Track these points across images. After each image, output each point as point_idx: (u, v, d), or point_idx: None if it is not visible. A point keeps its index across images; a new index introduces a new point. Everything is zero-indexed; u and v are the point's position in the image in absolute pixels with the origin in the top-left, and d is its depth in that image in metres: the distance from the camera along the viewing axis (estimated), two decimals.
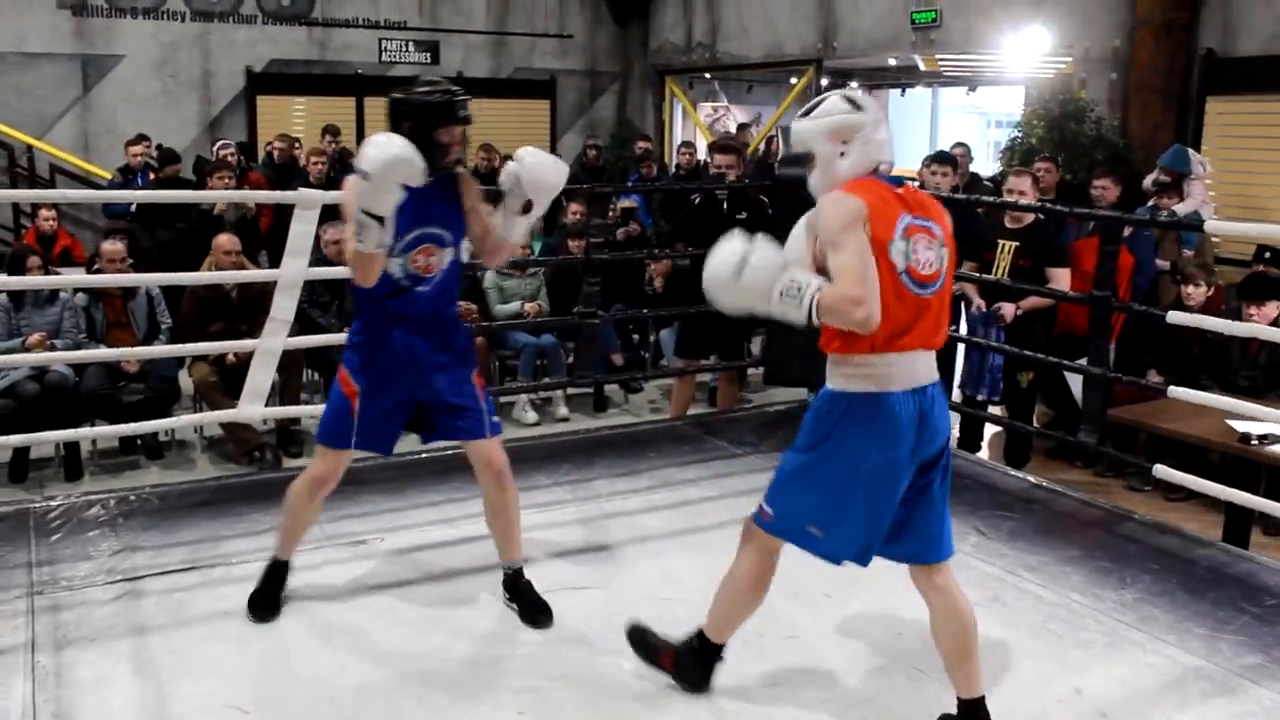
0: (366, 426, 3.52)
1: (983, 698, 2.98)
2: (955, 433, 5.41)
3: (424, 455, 5.43)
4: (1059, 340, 6.15)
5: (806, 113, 2.88)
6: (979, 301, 6.02)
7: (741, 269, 2.77)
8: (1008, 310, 5.78)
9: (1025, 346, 5.48)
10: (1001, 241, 5.85)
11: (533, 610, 3.64)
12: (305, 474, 3.64)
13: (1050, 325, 6.04)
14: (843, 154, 2.81)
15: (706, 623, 3.19)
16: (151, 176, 9.03)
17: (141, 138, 10.02)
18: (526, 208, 3.51)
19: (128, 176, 9.27)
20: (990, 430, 6.76)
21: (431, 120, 3.33)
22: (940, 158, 6.82)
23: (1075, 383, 5.82)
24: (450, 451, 5.54)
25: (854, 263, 2.66)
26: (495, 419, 3.62)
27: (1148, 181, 7.12)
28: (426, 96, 3.35)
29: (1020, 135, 8.94)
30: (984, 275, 5.87)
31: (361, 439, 3.55)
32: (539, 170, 3.48)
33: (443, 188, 3.43)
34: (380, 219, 3.13)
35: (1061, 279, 5.68)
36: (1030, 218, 5.78)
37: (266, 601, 3.65)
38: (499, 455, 3.58)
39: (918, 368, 2.82)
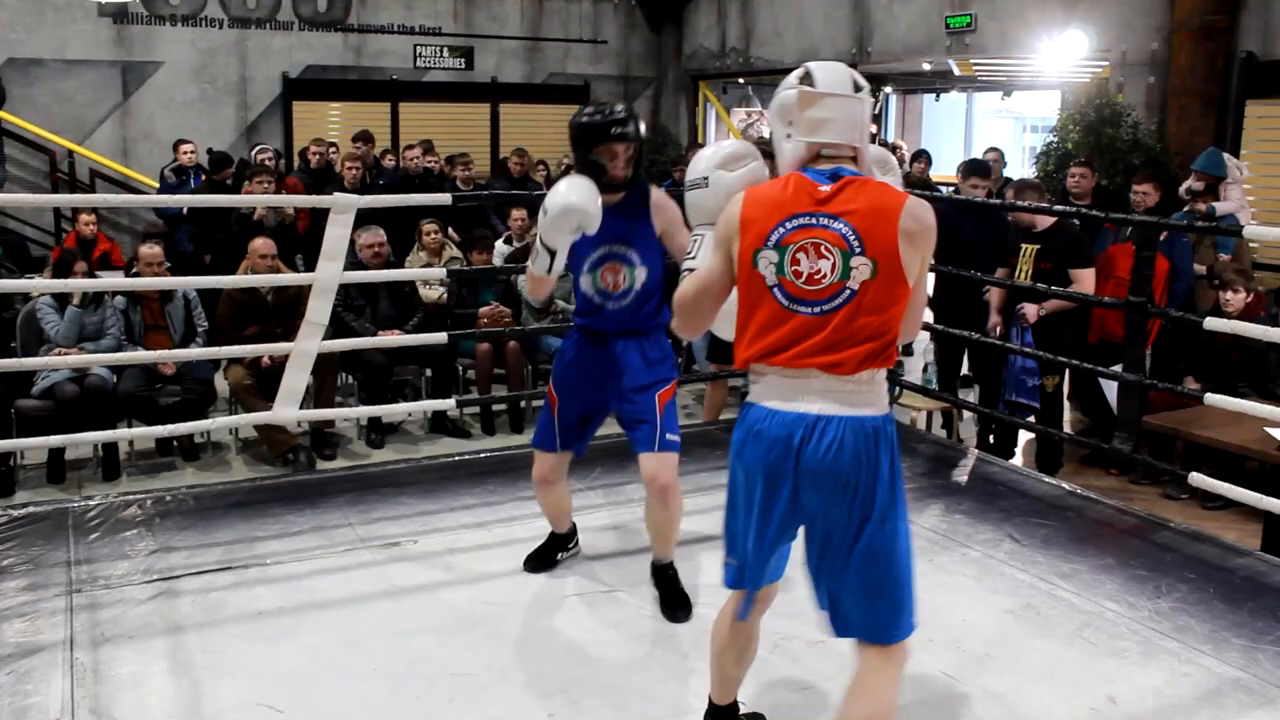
0: (565, 430, 3.79)
1: None
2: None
3: (458, 459, 5.47)
4: (1095, 346, 6.10)
5: None
6: (994, 321, 6.03)
7: (710, 180, 2.93)
8: (1030, 310, 5.76)
9: (1052, 350, 5.45)
10: (1024, 246, 5.83)
11: (673, 602, 3.72)
12: (533, 473, 3.93)
13: (1076, 328, 5.99)
14: (788, 135, 2.53)
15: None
16: (203, 178, 9.15)
17: (183, 142, 10.18)
18: None
19: (181, 177, 9.40)
20: (1024, 437, 6.72)
21: (589, 141, 3.49)
22: (975, 169, 6.69)
23: (1110, 389, 5.77)
24: (484, 455, 5.59)
25: (698, 271, 2.62)
26: (671, 436, 3.62)
27: (1184, 188, 7.05)
28: (582, 118, 3.52)
29: (1056, 140, 8.88)
30: (1007, 281, 5.88)
31: (563, 441, 3.81)
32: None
33: (631, 209, 3.57)
34: (553, 252, 3.36)
35: (1085, 280, 5.63)
36: (1051, 220, 5.75)
37: (540, 557, 4.09)
38: (663, 472, 3.60)
39: (800, 390, 2.43)
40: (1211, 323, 4.54)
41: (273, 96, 12.29)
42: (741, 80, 14.61)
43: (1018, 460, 6.17)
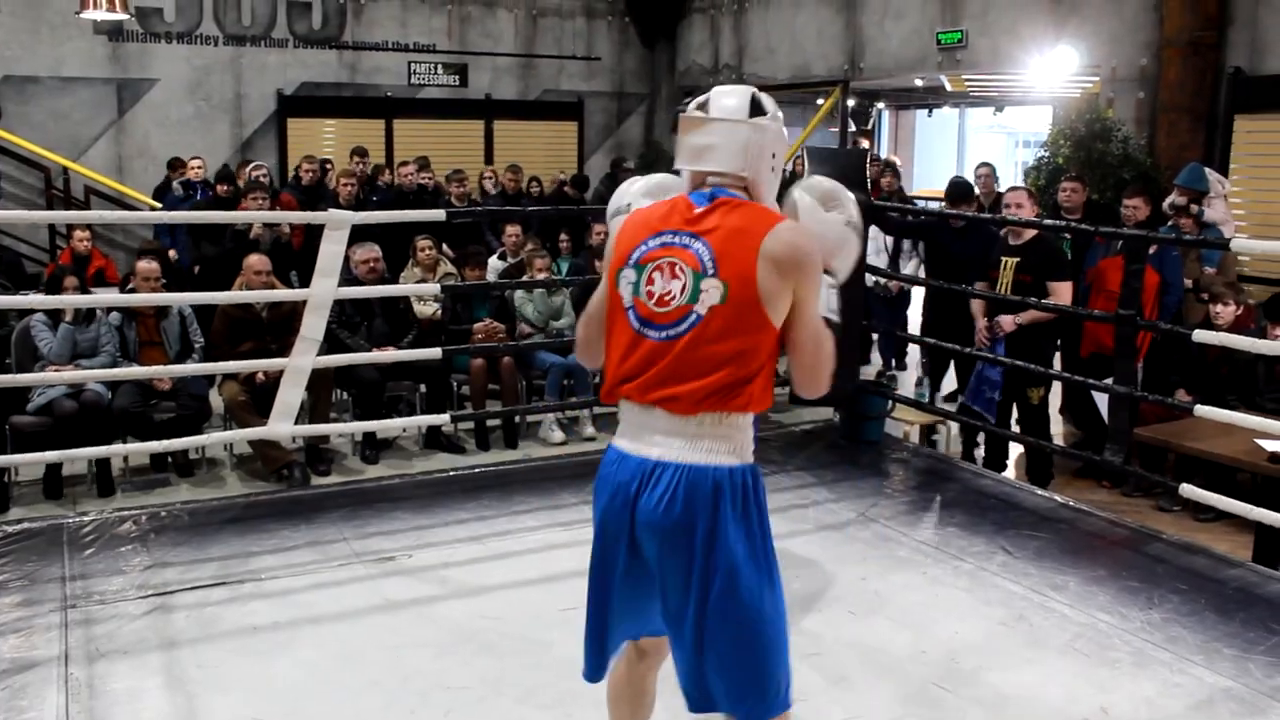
0: None
1: None
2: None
3: (452, 474, 5.48)
4: (1088, 360, 6.14)
5: None
6: (981, 327, 5.99)
7: (632, 209, 2.57)
8: (1005, 321, 5.78)
9: (1033, 363, 5.48)
10: (1004, 259, 5.85)
11: None
12: None
13: (1060, 340, 6.05)
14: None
15: None
16: (211, 194, 9.19)
17: (178, 160, 10.22)
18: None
19: (189, 191, 9.44)
20: (1016, 450, 6.74)
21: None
22: (958, 194, 6.95)
23: (1103, 402, 5.79)
24: (479, 470, 5.60)
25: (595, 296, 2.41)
26: None
27: (1167, 203, 7.10)
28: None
29: (1047, 155, 8.93)
30: (985, 293, 5.89)
31: None
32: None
33: None
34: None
35: (1062, 293, 5.63)
36: (1031, 233, 5.78)
37: None
38: None
39: (646, 429, 2.23)
40: (1201, 335, 4.58)
41: (268, 113, 12.32)
42: None
43: (1010, 473, 6.19)
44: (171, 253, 8.79)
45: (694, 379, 2.17)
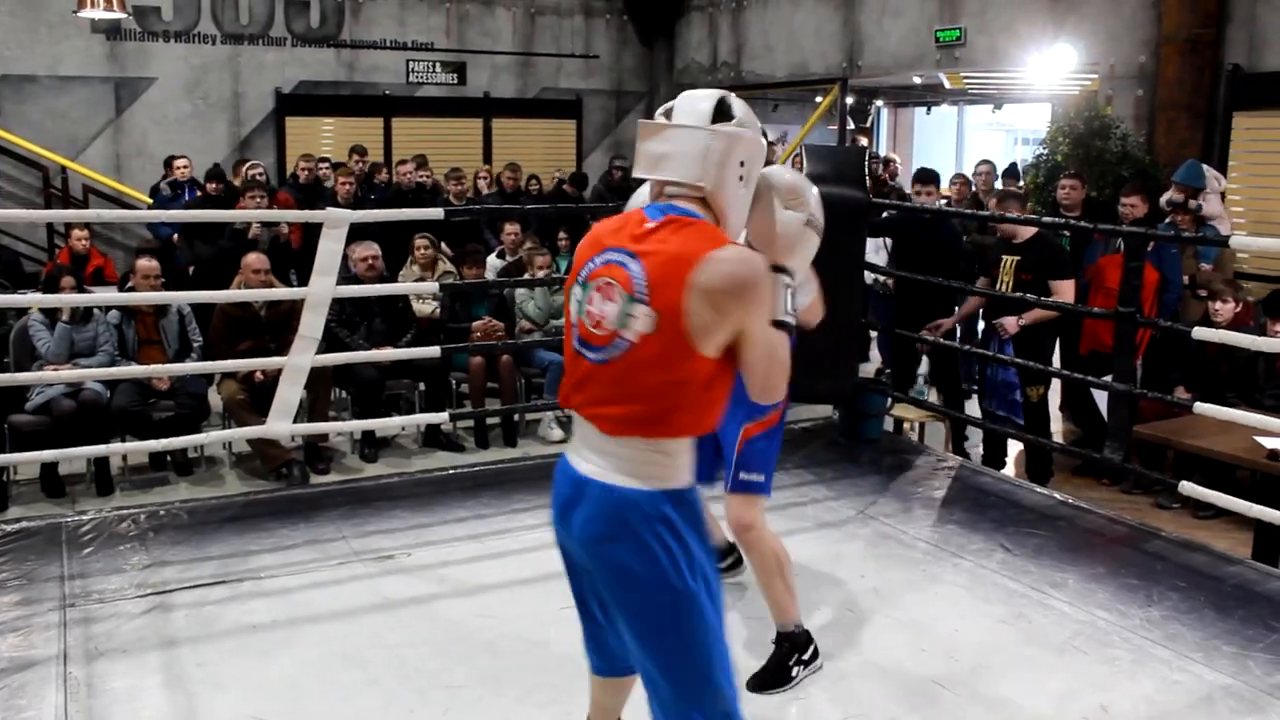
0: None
1: None
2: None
3: (451, 472, 5.48)
4: (1087, 357, 6.14)
5: None
6: (954, 321, 6.19)
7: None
8: (1009, 322, 5.79)
9: (1034, 360, 5.50)
10: (1004, 257, 5.87)
11: (761, 673, 3.41)
12: None
13: (1061, 339, 6.10)
14: None
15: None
16: (198, 194, 9.17)
17: (175, 158, 10.19)
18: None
19: (176, 190, 9.42)
20: (1015, 447, 6.74)
21: None
22: (921, 176, 7.08)
23: (1102, 399, 5.80)
24: (478, 468, 5.59)
25: None
26: (748, 475, 3.39)
27: (1164, 199, 7.10)
28: None
29: (1046, 152, 8.92)
30: (987, 291, 5.93)
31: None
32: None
33: None
34: None
35: (1064, 291, 5.65)
36: (1031, 231, 5.79)
37: None
38: (734, 512, 3.40)
39: (585, 443, 2.21)
40: (1200, 332, 4.57)
41: (266, 112, 12.31)
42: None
43: (1009, 470, 6.19)
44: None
45: (621, 404, 2.13)
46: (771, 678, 3.38)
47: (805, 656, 3.43)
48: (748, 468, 3.41)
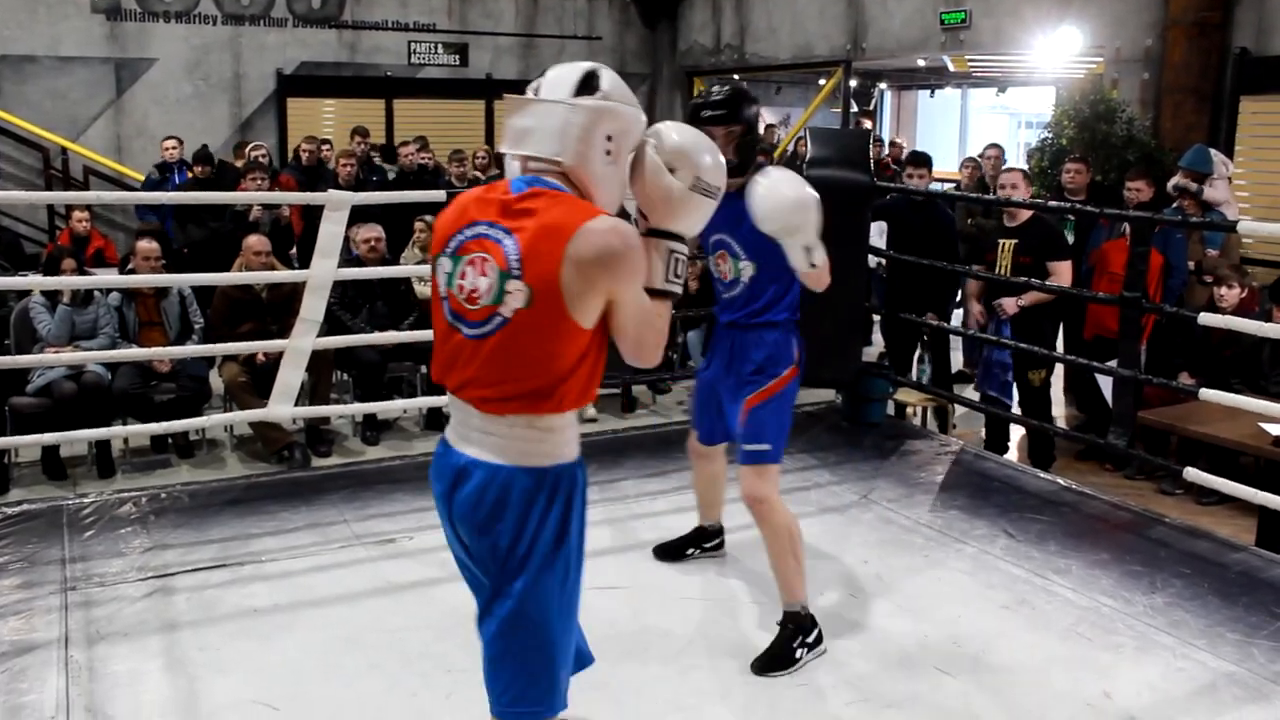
0: (696, 410, 3.88)
1: None
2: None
3: None
4: (1091, 342, 6.12)
5: None
6: (976, 310, 6.08)
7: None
8: (1008, 303, 5.78)
9: (1035, 344, 5.48)
10: (1001, 241, 5.84)
11: (765, 655, 3.40)
12: None
13: (1061, 321, 6.09)
14: None
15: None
16: (189, 175, 9.13)
17: (167, 138, 10.13)
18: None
19: (165, 174, 9.39)
20: (1018, 432, 6.73)
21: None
22: (913, 159, 7.14)
23: (1107, 385, 5.77)
24: None
25: None
26: (752, 446, 3.41)
27: (1171, 184, 7.07)
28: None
29: (1050, 136, 8.88)
30: (986, 274, 5.90)
31: (695, 421, 3.92)
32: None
33: (739, 198, 3.27)
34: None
35: (1063, 272, 5.64)
36: (1027, 214, 5.77)
37: (669, 548, 4.17)
38: (745, 485, 3.44)
39: (464, 425, 2.19)
40: (1206, 318, 4.55)
41: (267, 93, 12.26)
42: (736, 77, 14.60)
43: (1012, 455, 6.18)
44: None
45: (502, 381, 2.11)
46: (775, 660, 3.36)
47: (810, 640, 3.41)
48: (753, 438, 3.42)
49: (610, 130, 2.17)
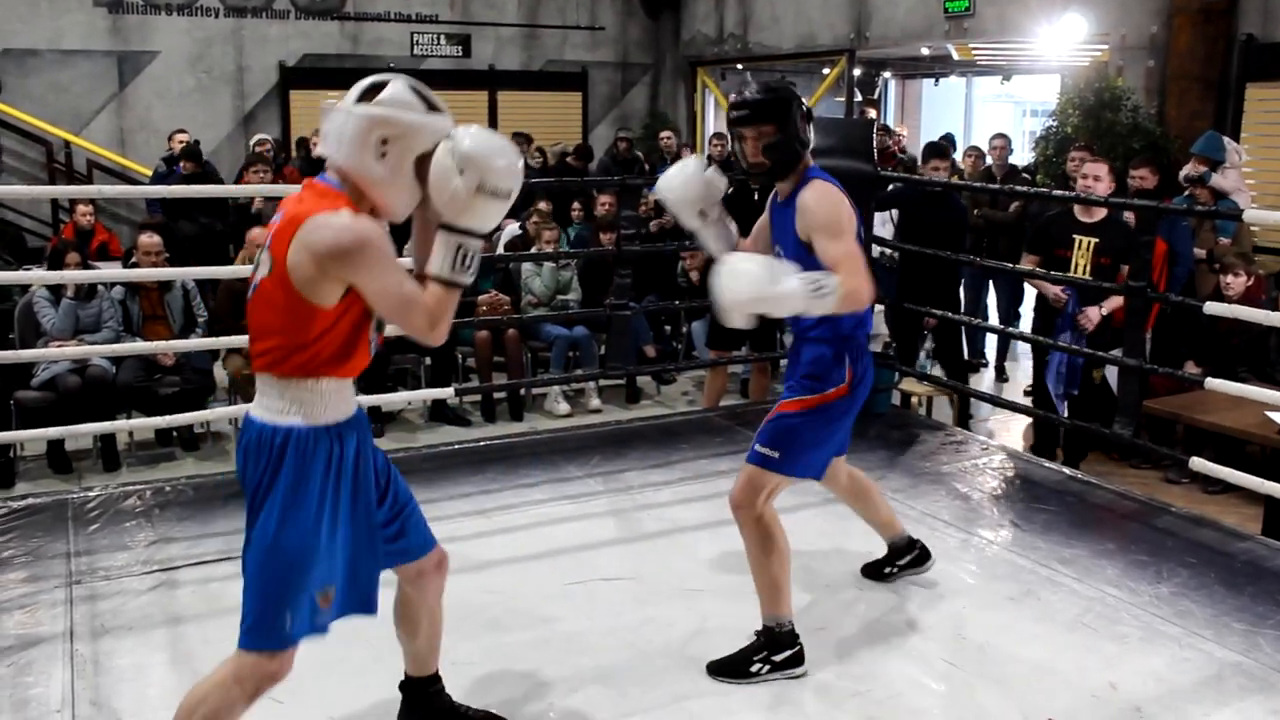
0: None
1: None
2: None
3: (457, 447, 5.47)
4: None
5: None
6: (1058, 292, 5.65)
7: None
8: (1092, 313, 5.47)
9: (1101, 343, 5.34)
10: (1078, 237, 5.53)
11: (725, 658, 3.28)
12: None
13: (1154, 335, 5.78)
14: None
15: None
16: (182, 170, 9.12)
17: (178, 131, 10.14)
18: None
19: (171, 166, 9.40)
20: (1024, 422, 6.72)
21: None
22: (934, 151, 7.02)
23: (1112, 373, 5.76)
24: (484, 443, 5.58)
25: None
26: (762, 448, 3.24)
27: (1183, 174, 7.04)
28: None
29: (1055, 124, 8.85)
30: (1055, 272, 5.54)
31: None
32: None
33: (789, 204, 3.22)
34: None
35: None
36: (1104, 210, 5.48)
37: (873, 568, 3.97)
38: (735, 483, 3.28)
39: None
40: (1212, 307, 4.53)
41: (269, 86, 12.25)
42: (740, 66, 14.56)
43: (1018, 445, 6.17)
44: None
45: (255, 340, 2.41)
46: (729, 665, 3.24)
47: (777, 658, 3.22)
48: (765, 441, 3.25)
49: (384, 135, 2.36)
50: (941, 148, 7.10)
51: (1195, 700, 3.17)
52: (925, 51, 12.67)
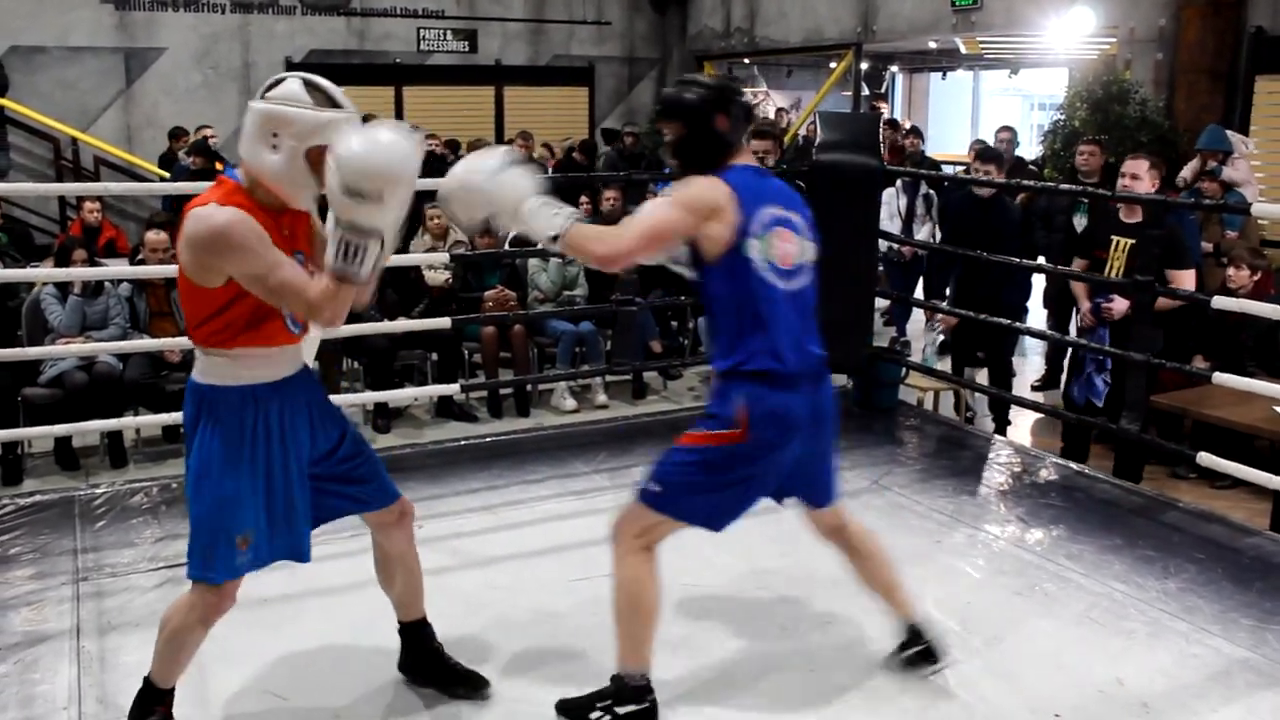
0: None
1: None
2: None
3: (464, 443, 5.47)
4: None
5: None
6: (1086, 307, 5.45)
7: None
8: (1119, 305, 5.21)
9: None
10: (1116, 238, 5.26)
11: (571, 699, 3.06)
12: None
13: (1169, 330, 5.39)
14: None
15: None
16: (218, 167, 9.15)
17: (180, 130, 10.17)
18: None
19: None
20: (1033, 417, 6.70)
21: None
22: (988, 155, 6.50)
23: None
24: (490, 439, 5.58)
25: None
26: (644, 481, 2.97)
27: (1182, 175, 6.99)
28: None
29: (1063, 118, 8.82)
30: (1096, 275, 5.32)
31: None
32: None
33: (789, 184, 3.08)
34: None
35: (1185, 283, 5.00)
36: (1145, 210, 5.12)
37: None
38: (617, 520, 3.01)
39: None
40: (1220, 302, 4.51)
41: None
42: (747, 61, 14.54)
43: (1027, 440, 6.15)
44: None
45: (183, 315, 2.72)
46: (573, 707, 3.02)
47: (621, 710, 2.93)
48: (652, 473, 2.95)
49: (276, 129, 2.52)
50: (993, 151, 6.67)
51: (1202, 696, 3.16)
52: (932, 45, 12.65)
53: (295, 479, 2.73)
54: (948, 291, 6.56)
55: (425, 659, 3.14)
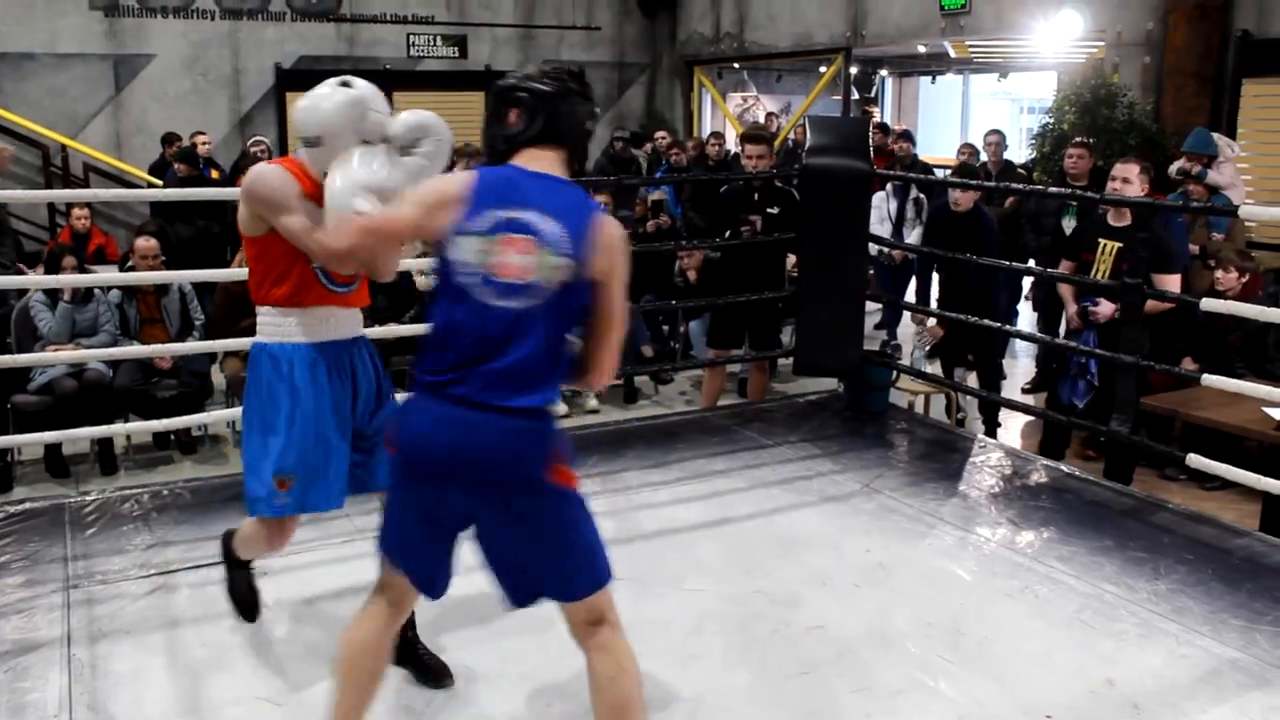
0: None
1: None
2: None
3: None
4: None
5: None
6: (1073, 309, 5.53)
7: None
8: (1105, 308, 5.26)
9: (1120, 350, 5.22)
10: (1103, 241, 5.31)
11: None
12: None
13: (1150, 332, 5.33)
14: None
15: None
16: (213, 173, 9.15)
17: (174, 136, 10.14)
18: None
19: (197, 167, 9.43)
20: (1023, 420, 6.72)
21: None
22: (962, 174, 6.65)
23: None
24: None
25: None
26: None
27: (1173, 168, 7.02)
28: None
29: (1052, 121, 8.85)
30: (1084, 277, 5.38)
31: None
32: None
33: None
34: None
35: (1171, 287, 5.02)
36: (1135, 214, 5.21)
37: None
38: None
39: None
40: (1209, 303, 4.53)
41: (266, 88, 12.24)
42: (737, 65, 14.56)
43: (1017, 443, 6.17)
44: None
45: None
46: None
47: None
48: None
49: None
50: (969, 170, 6.78)
51: (1192, 696, 3.18)
52: (922, 49, 12.68)
53: (337, 434, 2.93)
54: (934, 293, 6.58)
55: (399, 646, 3.17)
